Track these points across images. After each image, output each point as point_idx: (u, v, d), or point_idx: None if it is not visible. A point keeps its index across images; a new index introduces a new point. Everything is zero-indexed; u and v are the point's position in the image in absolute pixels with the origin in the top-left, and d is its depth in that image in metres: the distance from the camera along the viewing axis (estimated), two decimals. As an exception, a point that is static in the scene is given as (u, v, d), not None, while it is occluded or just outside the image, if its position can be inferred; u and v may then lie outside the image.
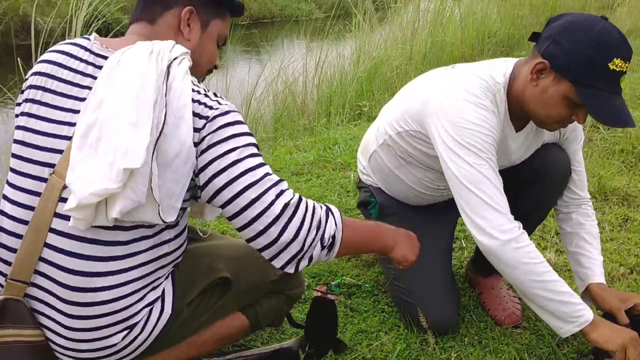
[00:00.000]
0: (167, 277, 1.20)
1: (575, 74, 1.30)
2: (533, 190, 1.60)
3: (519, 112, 1.45)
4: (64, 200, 1.03)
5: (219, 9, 1.24)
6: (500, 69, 1.47)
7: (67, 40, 1.19)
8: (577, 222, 1.64)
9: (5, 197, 1.12)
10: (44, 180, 1.07)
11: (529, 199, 1.61)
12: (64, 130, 1.08)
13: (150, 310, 1.15)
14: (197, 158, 1.07)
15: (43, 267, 1.07)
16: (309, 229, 1.11)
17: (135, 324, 1.13)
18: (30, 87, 1.14)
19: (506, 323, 1.68)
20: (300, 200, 1.12)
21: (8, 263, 1.09)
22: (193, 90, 1.08)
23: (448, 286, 1.66)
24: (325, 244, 1.15)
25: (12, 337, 1.05)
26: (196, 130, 1.06)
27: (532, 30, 1.53)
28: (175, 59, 1.09)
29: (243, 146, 1.08)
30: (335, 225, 1.16)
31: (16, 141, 1.12)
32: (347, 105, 4.22)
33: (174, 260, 1.19)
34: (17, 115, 1.15)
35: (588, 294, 1.55)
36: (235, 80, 4.24)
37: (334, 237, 1.15)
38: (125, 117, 1.00)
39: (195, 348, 1.30)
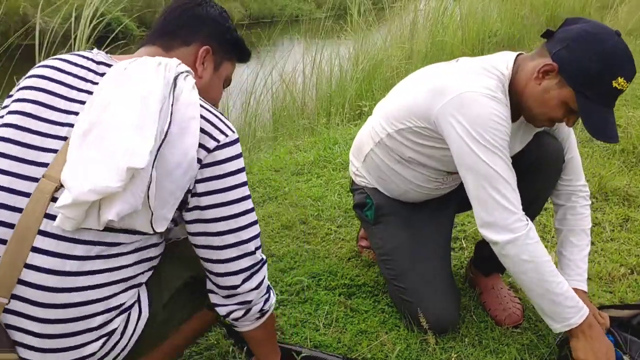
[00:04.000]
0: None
1: (580, 84, 1.34)
2: (529, 181, 1.61)
3: (515, 104, 1.47)
4: (55, 200, 0.99)
5: (231, 52, 1.30)
6: (502, 61, 1.49)
7: (70, 53, 1.19)
8: (562, 217, 1.66)
9: None
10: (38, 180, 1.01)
11: (526, 191, 1.61)
12: (59, 130, 1.04)
13: (129, 315, 1.12)
14: (197, 181, 1.07)
15: (24, 274, 0.99)
16: (266, 290, 1.20)
17: (113, 330, 1.09)
18: (24, 88, 1.11)
19: (507, 323, 1.67)
20: (265, 262, 1.20)
21: None
22: (203, 107, 1.09)
23: (448, 285, 1.66)
24: (267, 308, 1.22)
25: None
26: (205, 148, 1.07)
27: (532, 30, 1.55)
28: (181, 72, 1.11)
29: (242, 185, 1.12)
30: (274, 299, 1.24)
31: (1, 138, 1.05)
32: (347, 105, 4.21)
33: (154, 266, 1.17)
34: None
35: None
36: (235, 80, 4.24)
37: (267, 311, 1.23)
38: (131, 120, 0.99)
39: (174, 349, 1.27)
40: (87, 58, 1.15)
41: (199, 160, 1.06)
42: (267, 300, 1.21)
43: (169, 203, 1.05)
